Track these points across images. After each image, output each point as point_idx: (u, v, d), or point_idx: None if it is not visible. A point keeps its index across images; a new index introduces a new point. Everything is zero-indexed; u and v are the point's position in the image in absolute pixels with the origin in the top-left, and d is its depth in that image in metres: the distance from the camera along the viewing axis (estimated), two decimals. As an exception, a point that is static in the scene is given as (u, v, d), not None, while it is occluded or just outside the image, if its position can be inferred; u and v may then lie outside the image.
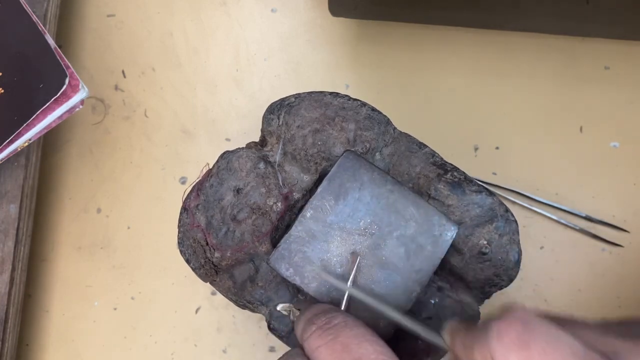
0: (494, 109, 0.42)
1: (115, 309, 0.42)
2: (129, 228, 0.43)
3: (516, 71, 0.43)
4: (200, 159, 0.43)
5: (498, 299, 0.40)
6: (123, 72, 0.44)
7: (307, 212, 0.30)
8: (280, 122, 0.33)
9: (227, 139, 0.43)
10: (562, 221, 0.41)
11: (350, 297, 0.30)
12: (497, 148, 0.42)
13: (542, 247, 0.41)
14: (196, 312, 0.41)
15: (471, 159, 0.42)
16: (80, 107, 0.37)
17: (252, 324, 0.41)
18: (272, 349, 0.41)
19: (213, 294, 0.41)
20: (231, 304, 0.41)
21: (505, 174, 0.41)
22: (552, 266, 0.41)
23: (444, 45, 0.43)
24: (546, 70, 0.43)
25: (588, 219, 0.41)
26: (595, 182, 0.41)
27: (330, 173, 0.31)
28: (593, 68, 0.43)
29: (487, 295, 0.33)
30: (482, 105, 0.42)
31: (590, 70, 0.43)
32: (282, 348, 0.41)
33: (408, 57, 0.43)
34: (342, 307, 0.29)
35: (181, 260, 0.41)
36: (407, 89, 0.43)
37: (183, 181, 0.43)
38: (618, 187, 0.41)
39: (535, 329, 0.22)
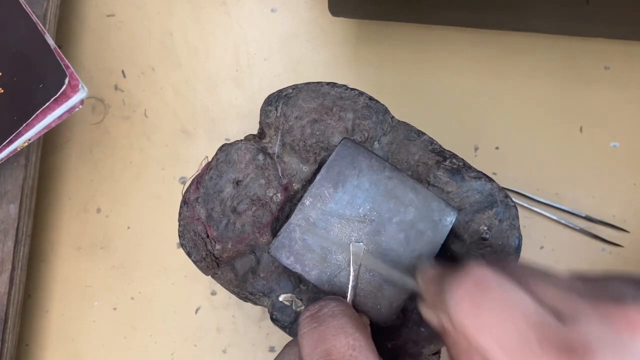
0: (494, 109, 0.42)
1: (115, 309, 0.42)
2: (128, 228, 0.43)
3: (516, 71, 0.43)
4: (200, 159, 0.43)
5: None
6: (123, 72, 0.44)
7: (306, 200, 0.30)
8: (278, 114, 0.33)
9: (227, 139, 0.43)
10: (562, 221, 0.41)
11: (355, 286, 0.30)
12: (497, 148, 0.42)
13: (542, 247, 0.41)
14: (196, 312, 0.41)
15: (471, 159, 0.42)
16: (80, 107, 0.37)
17: (252, 324, 0.41)
18: (272, 349, 0.41)
19: (213, 294, 0.42)
20: (231, 304, 0.41)
21: (505, 174, 0.41)
22: (552, 266, 0.41)
23: (444, 45, 0.43)
24: (546, 70, 0.43)
25: (588, 219, 0.41)
26: (595, 182, 0.41)
27: (328, 161, 0.31)
28: (593, 68, 0.43)
29: (489, 282, 0.33)
30: (482, 105, 0.42)
31: (590, 70, 0.43)
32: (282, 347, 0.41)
33: (408, 57, 0.43)
34: (348, 297, 0.30)
35: (181, 260, 0.41)
36: (407, 88, 0.43)
37: (183, 181, 0.43)
38: (618, 187, 0.41)
39: (488, 292, 0.21)
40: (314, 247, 0.30)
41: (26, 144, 0.36)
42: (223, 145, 0.34)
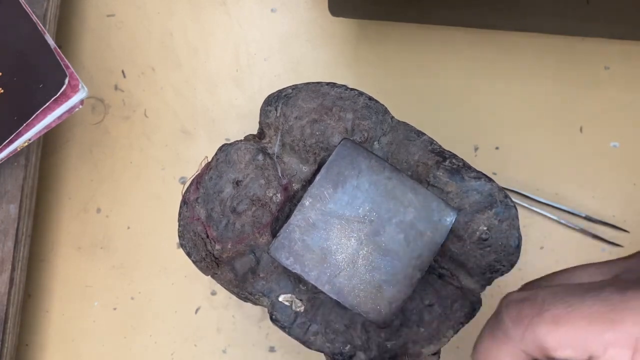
0: (494, 109, 0.42)
1: (115, 309, 0.42)
2: (128, 228, 0.43)
3: (516, 71, 0.43)
4: (200, 159, 0.43)
5: (498, 287, 0.40)
6: (123, 72, 0.44)
7: (306, 201, 0.30)
8: (278, 114, 0.33)
9: (227, 139, 0.43)
10: (562, 221, 0.41)
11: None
12: (497, 148, 0.42)
13: (542, 247, 0.41)
14: (196, 312, 0.41)
15: (471, 159, 0.42)
16: (80, 107, 0.37)
17: (252, 324, 0.41)
18: (272, 349, 0.41)
19: (213, 294, 0.41)
20: (231, 304, 0.41)
21: (505, 174, 0.41)
22: (552, 266, 0.41)
23: (444, 45, 0.43)
24: (546, 70, 0.43)
25: (588, 219, 0.41)
26: (595, 182, 0.41)
27: (328, 161, 0.31)
28: (593, 68, 0.43)
29: (489, 282, 0.33)
30: (482, 105, 0.42)
31: (590, 70, 0.43)
32: (282, 348, 0.41)
33: (408, 57, 0.43)
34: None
35: (181, 260, 0.41)
36: (407, 89, 0.43)
37: (183, 181, 0.43)
38: (618, 187, 0.41)
39: (539, 296, 0.22)
40: (314, 247, 0.30)
41: (26, 144, 0.36)
42: (223, 146, 0.34)
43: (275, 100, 0.34)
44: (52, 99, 0.35)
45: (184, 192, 0.33)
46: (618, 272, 0.24)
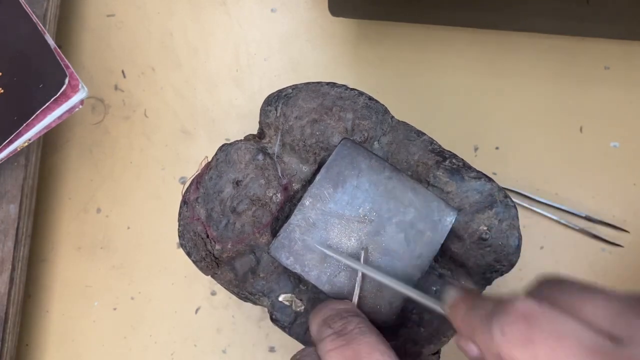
0: (494, 109, 0.42)
1: (115, 309, 0.42)
2: (128, 228, 0.43)
3: (516, 71, 0.43)
4: (200, 159, 0.43)
5: (498, 287, 0.40)
6: (123, 72, 0.44)
7: (306, 201, 0.31)
8: (278, 114, 0.33)
9: (227, 139, 0.43)
10: (562, 221, 0.41)
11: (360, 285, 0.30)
12: (497, 148, 0.42)
13: (542, 247, 0.41)
14: (196, 312, 0.41)
15: (471, 159, 0.42)
16: (80, 107, 0.37)
17: (252, 324, 0.41)
18: (272, 349, 0.41)
19: (213, 294, 0.41)
20: (231, 304, 0.41)
21: (505, 174, 0.41)
22: (552, 266, 0.41)
23: (443, 45, 0.43)
24: (546, 70, 0.43)
25: (588, 219, 0.41)
26: (595, 182, 0.41)
27: (328, 161, 0.31)
28: (593, 68, 0.43)
29: (489, 281, 0.33)
30: (482, 105, 0.42)
31: (590, 70, 0.43)
32: (282, 348, 0.41)
33: (408, 57, 0.43)
34: (354, 298, 0.30)
35: (181, 260, 0.41)
36: (407, 89, 0.43)
37: (183, 181, 0.43)
38: (618, 187, 0.41)
39: (539, 323, 0.21)
40: (314, 247, 0.30)
41: (26, 144, 0.36)
42: (223, 145, 0.34)
43: (275, 100, 0.34)
44: (52, 99, 0.35)
45: (184, 192, 0.33)
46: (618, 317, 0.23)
